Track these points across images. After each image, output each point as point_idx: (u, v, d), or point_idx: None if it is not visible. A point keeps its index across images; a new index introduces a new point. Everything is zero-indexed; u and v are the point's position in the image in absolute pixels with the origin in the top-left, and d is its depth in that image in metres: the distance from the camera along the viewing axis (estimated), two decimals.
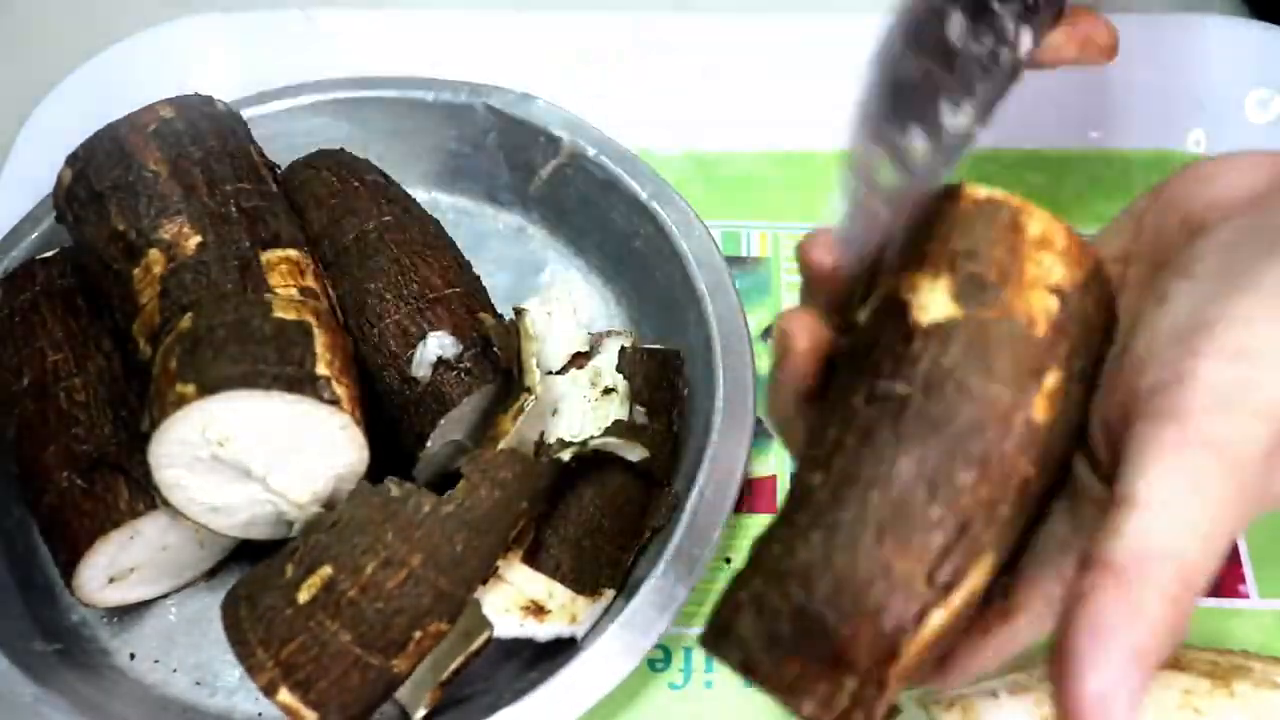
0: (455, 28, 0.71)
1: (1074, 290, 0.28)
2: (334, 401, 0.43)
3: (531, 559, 0.46)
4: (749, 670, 0.28)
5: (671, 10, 0.72)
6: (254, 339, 0.43)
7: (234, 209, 0.49)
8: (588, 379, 0.53)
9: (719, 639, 0.29)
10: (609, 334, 0.55)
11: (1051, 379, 0.28)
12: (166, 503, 0.44)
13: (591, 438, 0.47)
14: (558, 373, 0.53)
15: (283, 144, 0.59)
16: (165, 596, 0.51)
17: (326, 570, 0.41)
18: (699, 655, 0.50)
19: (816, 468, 0.29)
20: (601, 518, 0.47)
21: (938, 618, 0.27)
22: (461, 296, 0.51)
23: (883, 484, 0.27)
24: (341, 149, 0.58)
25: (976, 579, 0.28)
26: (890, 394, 0.28)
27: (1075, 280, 0.28)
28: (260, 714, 0.48)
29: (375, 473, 0.45)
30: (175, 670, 0.49)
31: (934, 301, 0.28)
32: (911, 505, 0.27)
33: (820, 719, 0.27)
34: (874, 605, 0.27)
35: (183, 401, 0.41)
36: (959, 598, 0.27)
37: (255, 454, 0.43)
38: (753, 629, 0.28)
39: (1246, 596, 0.51)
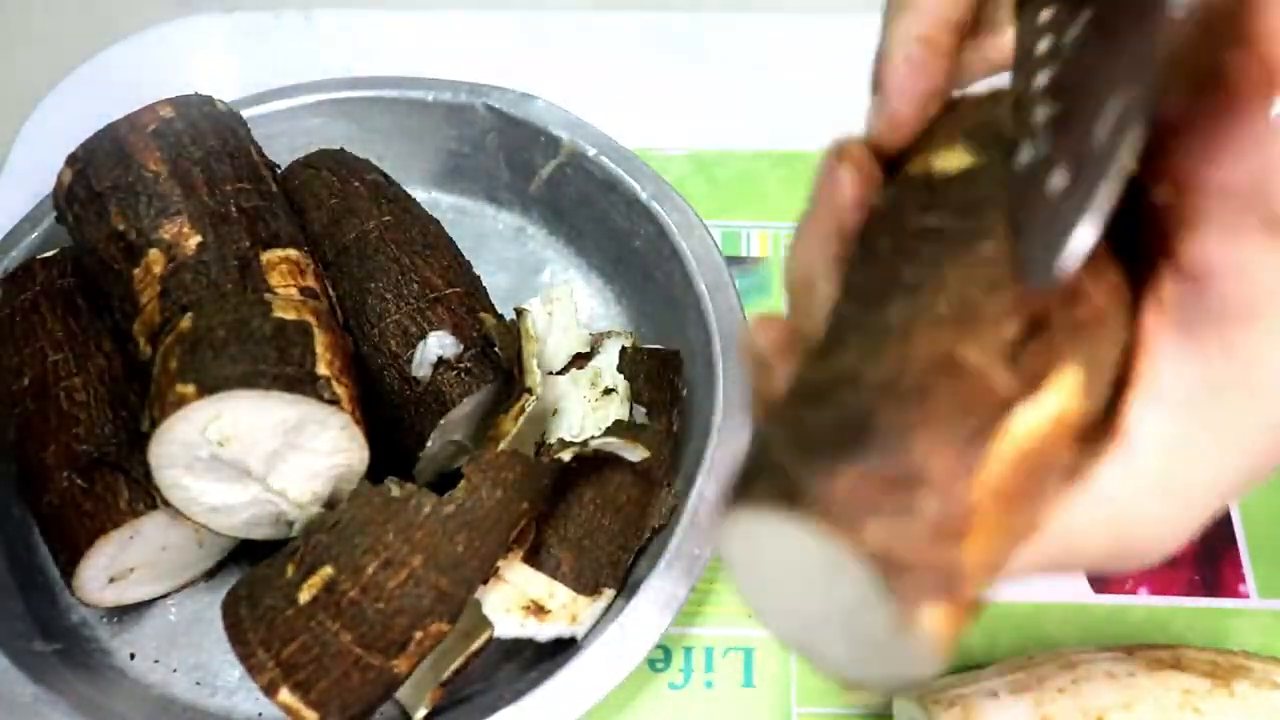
0: (455, 28, 0.71)
1: None
2: (334, 401, 0.43)
3: (532, 559, 0.46)
4: (790, 499, 0.21)
5: (672, 10, 0.72)
6: (254, 339, 0.43)
7: (234, 209, 0.49)
8: (588, 379, 0.53)
9: (747, 485, 0.22)
10: (609, 334, 0.55)
11: None
12: (166, 503, 0.44)
13: (592, 438, 0.47)
14: (558, 373, 0.53)
15: (283, 144, 0.59)
16: (165, 596, 0.51)
17: (327, 570, 0.41)
18: (699, 655, 0.50)
19: (848, 300, 0.25)
20: (602, 518, 0.47)
21: (1025, 421, 0.22)
22: (462, 296, 0.51)
23: (932, 285, 0.23)
24: (341, 149, 0.58)
25: (1064, 396, 0.22)
26: (922, 227, 0.24)
27: None
28: (260, 714, 0.48)
29: (375, 473, 0.45)
30: (175, 670, 0.49)
31: (954, 158, 0.26)
32: (971, 298, 0.22)
33: (889, 550, 0.20)
34: (942, 391, 0.21)
35: (183, 401, 0.41)
36: (1049, 403, 0.22)
37: (255, 454, 0.43)
38: (789, 449, 0.21)
39: (1246, 596, 0.51)
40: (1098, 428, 0.24)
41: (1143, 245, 0.25)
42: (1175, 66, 0.21)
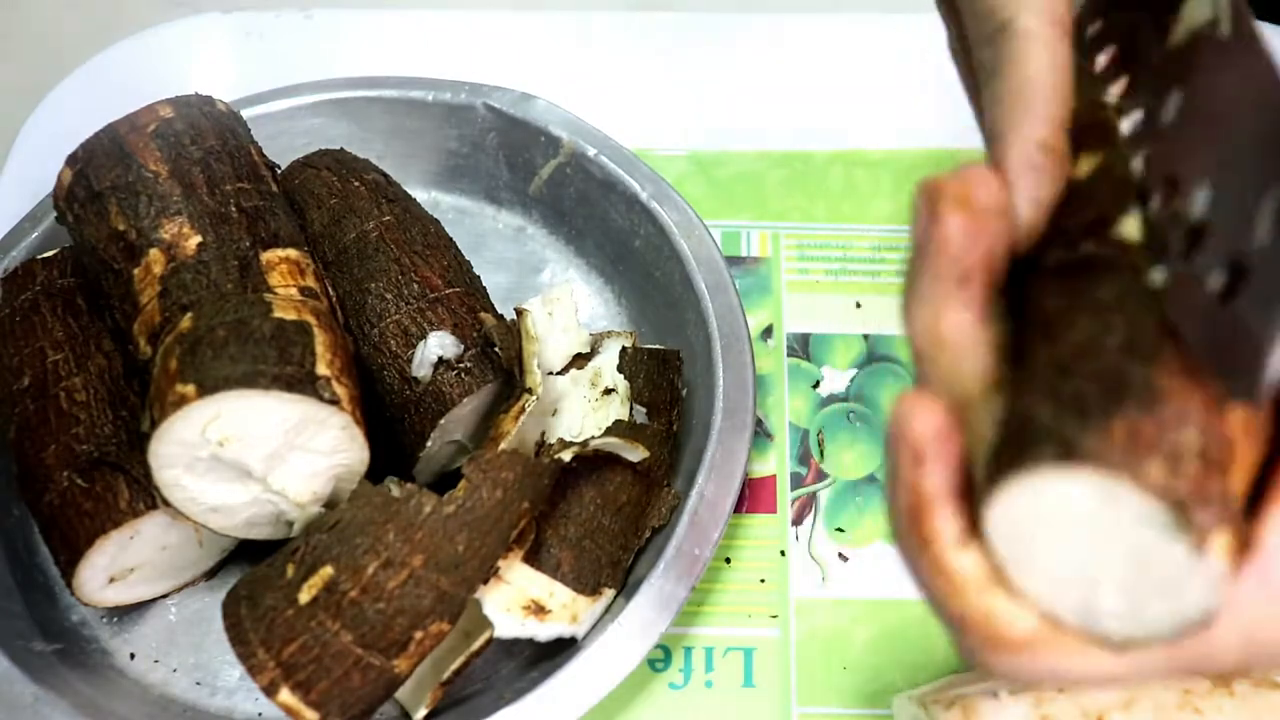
0: (455, 28, 0.71)
1: None
2: (334, 401, 0.43)
3: (532, 559, 0.46)
4: (1069, 453, 0.22)
5: (672, 10, 0.72)
6: (254, 339, 0.43)
7: (234, 209, 0.49)
8: (588, 380, 0.53)
9: (1020, 454, 0.23)
10: (609, 335, 0.55)
11: None
12: (166, 503, 0.44)
13: (592, 438, 0.47)
14: (559, 373, 0.53)
15: (283, 144, 0.59)
16: (165, 596, 0.51)
17: (328, 570, 0.41)
18: (699, 655, 0.50)
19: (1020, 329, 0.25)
20: (602, 518, 0.47)
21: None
22: (462, 296, 0.51)
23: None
24: (341, 149, 0.58)
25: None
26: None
27: None
28: (260, 714, 0.48)
29: (375, 473, 0.45)
30: (175, 670, 0.49)
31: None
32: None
33: (1173, 485, 0.22)
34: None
35: (183, 401, 0.41)
36: None
37: (255, 454, 0.43)
38: (1054, 414, 0.23)
39: None
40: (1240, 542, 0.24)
41: None
42: None
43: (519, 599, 0.45)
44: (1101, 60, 0.30)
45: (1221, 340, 0.23)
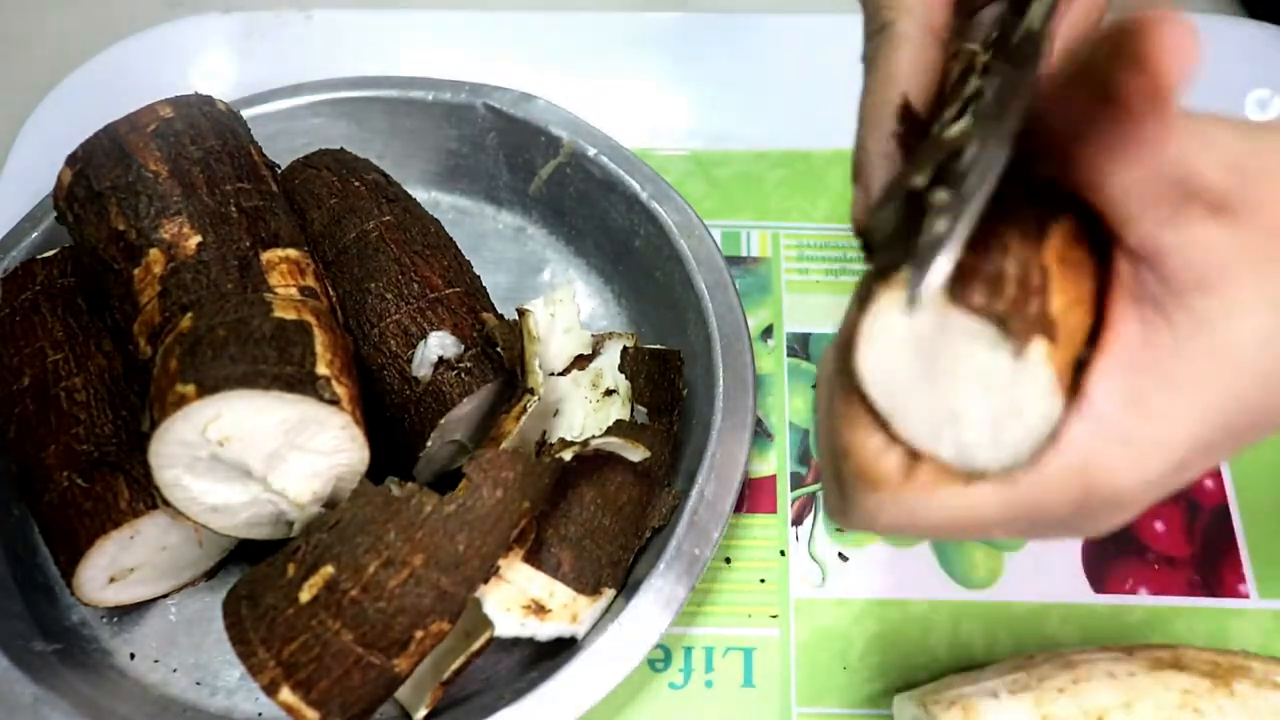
0: (455, 28, 0.71)
1: None
2: (334, 401, 0.43)
3: (533, 558, 0.46)
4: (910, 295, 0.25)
5: (672, 10, 0.72)
6: (254, 339, 0.43)
7: (234, 209, 0.49)
8: (589, 380, 0.53)
9: (867, 301, 0.27)
10: (611, 336, 0.55)
11: None
12: (167, 503, 0.44)
13: (593, 438, 0.47)
14: (560, 374, 0.53)
15: (283, 144, 0.59)
16: (165, 596, 0.51)
17: (328, 570, 0.41)
18: (699, 655, 0.50)
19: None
20: (602, 517, 0.47)
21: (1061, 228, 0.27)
22: (462, 296, 0.51)
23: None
24: (341, 149, 0.58)
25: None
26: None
27: None
28: (260, 714, 0.48)
29: (375, 473, 0.45)
30: (175, 670, 0.49)
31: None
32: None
33: (994, 306, 0.26)
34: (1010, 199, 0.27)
35: (183, 401, 0.41)
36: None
37: (255, 454, 0.43)
38: (891, 263, 0.27)
39: (1246, 596, 0.51)
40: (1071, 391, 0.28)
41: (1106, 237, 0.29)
42: (1068, 92, 0.26)
43: (519, 598, 0.45)
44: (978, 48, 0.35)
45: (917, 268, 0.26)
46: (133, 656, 0.50)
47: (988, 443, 0.27)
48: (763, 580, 0.52)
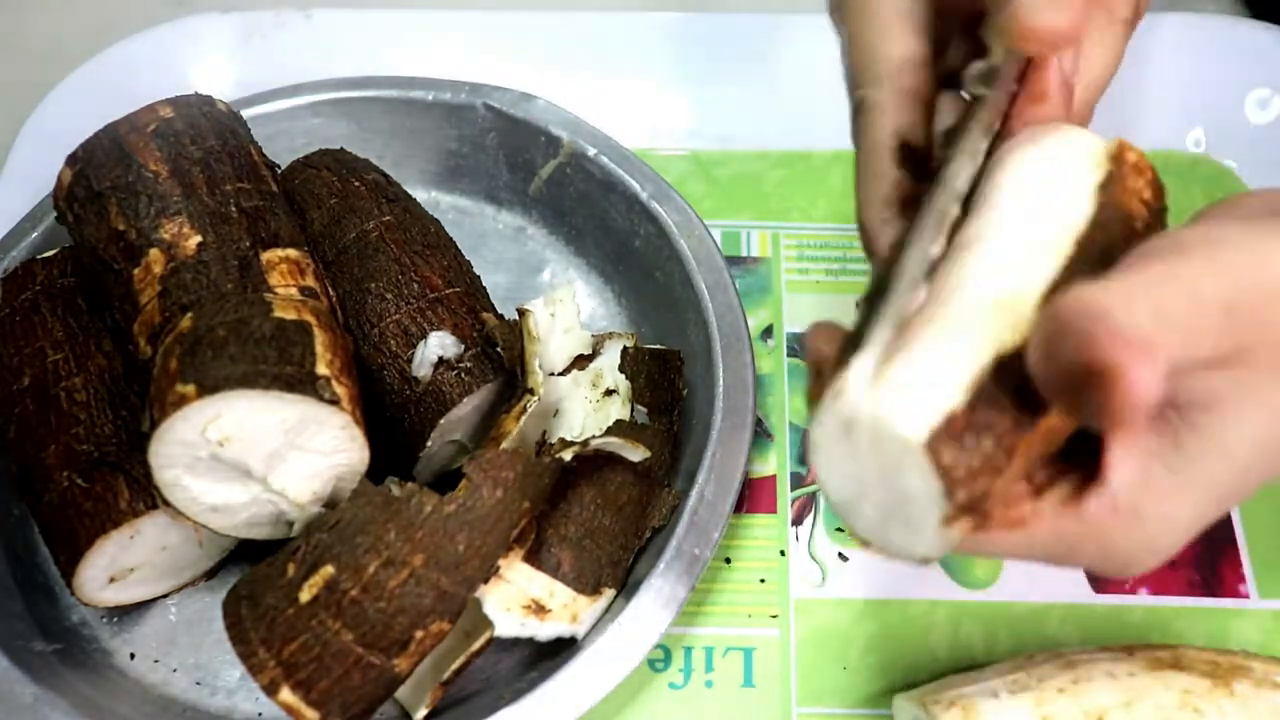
0: (455, 28, 0.71)
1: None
2: (334, 401, 0.43)
3: (533, 558, 0.46)
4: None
5: (672, 10, 0.72)
6: (254, 339, 0.43)
7: (234, 209, 0.49)
8: (589, 380, 0.53)
9: (827, 387, 0.30)
10: (611, 336, 0.55)
11: None
12: (166, 503, 0.44)
13: (593, 437, 0.47)
14: (560, 374, 0.53)
15: (283, 144, 0.59)
16: (165, 596, 0.51)
17: (328, 570, 0.41)
18: (699, 655, 0.50)
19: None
20: (602, 517, 0.47)
21: (1053, 417, 0.29)
22: (462, 296, 0.51)
23: None
24: (341, 149, 0.58)
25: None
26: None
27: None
28: (260, 714, 0.48)
29: (375, 473, 0.45)
30: (175, 670, 0.49)
31: None
32: None
33: (953, 468, 0.28)
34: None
35: (183, 401, 0.41)
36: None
37: (255, 454, 0.43)
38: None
39: (1246, 596, 0.51)
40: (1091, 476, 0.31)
41: None
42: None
43: (519, 598, 0.45)
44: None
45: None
46: (133, 656, 0.50)
47: (874, 524, 0.31)
48: (763, 580, 0.52)
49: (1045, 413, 0.29)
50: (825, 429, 0.30)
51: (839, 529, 0.54)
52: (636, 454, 0.48)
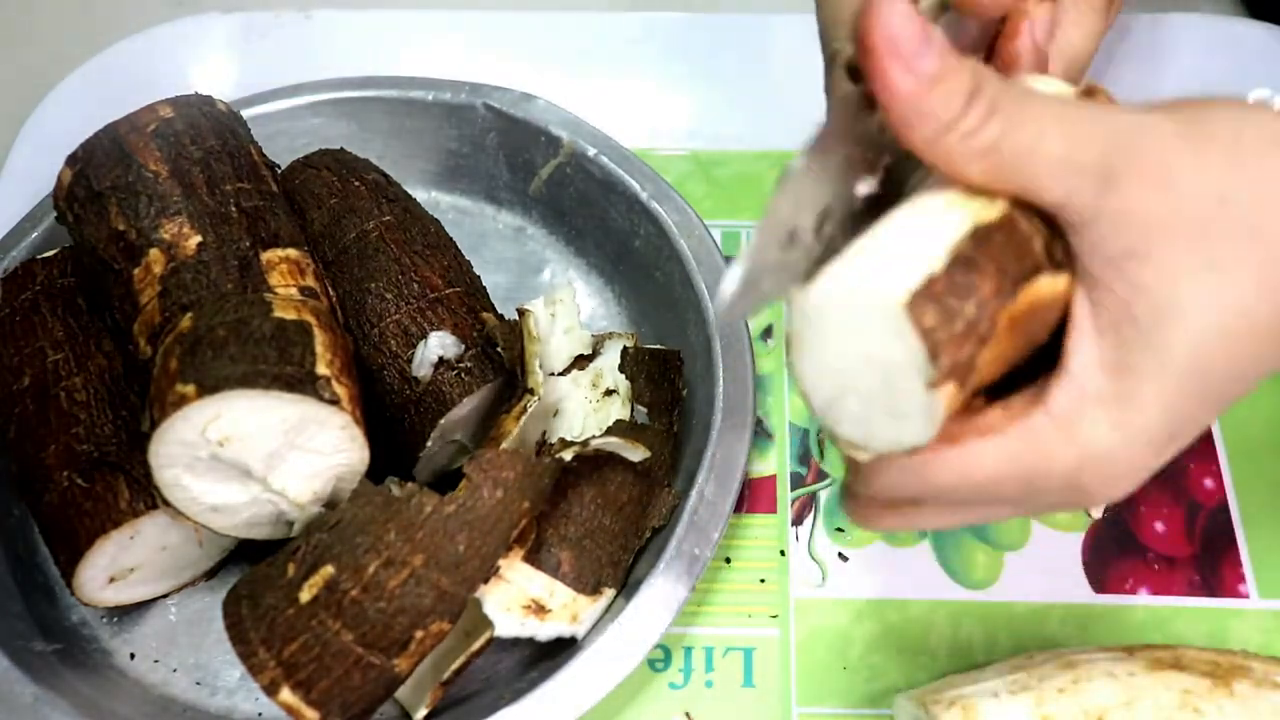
0: (455, 28, 0.71)
1: None
2: (334, 401, 0.43)
3: (533, 558, 0.46)
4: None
5: (672, 10, 0.72)
6: (254, 339, 0.43)
7: (234, 209, 0.49)
8: (589, 380, 0.53)
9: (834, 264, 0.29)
10: (611, 336, 0.55)
11: None
12: (167, 503, 0.44)
13: (593, 437, 0.47)
14: (560, 374, 0.53)
15: (283, 144, 0.59)
16: (165, 596, 0.51)
17: (328, 570, 0.41)
18: (699, 655, 0.50)
19: None
20: (602, 517, 0.47)
21: (1041, 284, 0.29)
22: (462, 296, 0.51)
23: None
24: (341, 149, 0.58)
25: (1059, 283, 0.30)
26: None
27: None
28: (260, 714, 0.48)
29: (375, 473, 0.45)
30: (175, 670, 0.49)
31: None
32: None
33: (937, 333, 0.28)
34: (1007, 238, 0.29)
35: (183, 401, 0.41)
36: (1054, 282, 0.30)
37: (255, 454, 0.43)
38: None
39: (1246, 596, 0.51)
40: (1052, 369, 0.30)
41: None
42: None
43: (519, 598, 0.45)
44: None
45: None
46: (133, 656, 0.50)
47: (857, 419, 0.30)
48: (763, 580, 0.52)
49: (1027, 281, 0.29)
50: (804, 317, 0.29)
51: (839, 529, 0.54)
52: (636, 454, 0.48)
